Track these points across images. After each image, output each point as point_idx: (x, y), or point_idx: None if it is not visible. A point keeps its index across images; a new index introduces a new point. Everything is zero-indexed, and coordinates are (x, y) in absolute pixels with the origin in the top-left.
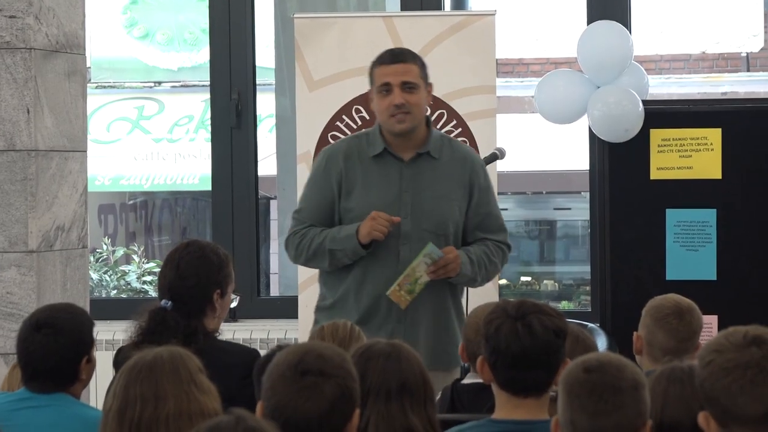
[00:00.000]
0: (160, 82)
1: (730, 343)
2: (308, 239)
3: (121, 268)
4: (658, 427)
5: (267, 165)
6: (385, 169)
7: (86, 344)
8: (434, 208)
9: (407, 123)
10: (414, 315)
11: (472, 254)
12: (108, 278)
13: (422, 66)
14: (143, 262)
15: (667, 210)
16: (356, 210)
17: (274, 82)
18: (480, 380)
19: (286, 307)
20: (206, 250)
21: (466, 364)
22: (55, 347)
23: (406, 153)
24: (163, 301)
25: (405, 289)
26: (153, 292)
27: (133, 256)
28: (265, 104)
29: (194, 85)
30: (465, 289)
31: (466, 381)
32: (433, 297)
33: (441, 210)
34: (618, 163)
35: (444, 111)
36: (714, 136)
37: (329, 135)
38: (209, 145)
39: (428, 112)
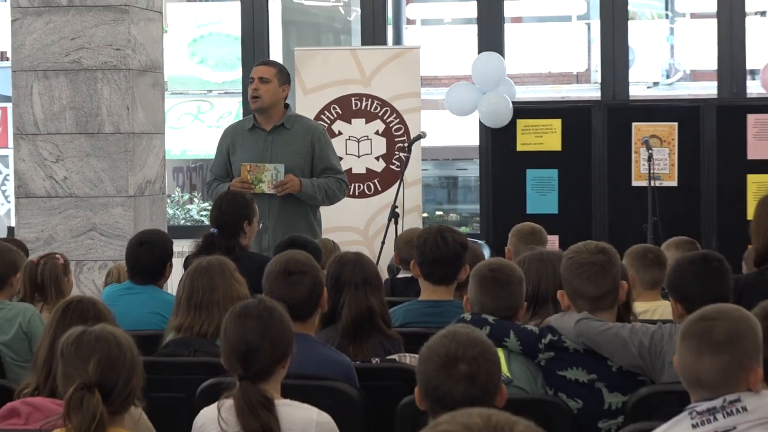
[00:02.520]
0: (211, 90)
1: (586, 248)
2: (214, 187)
3: (186, 206)
4: (533, 298)
5: None
6: (254, 137)
7: (169, 254)
8: (284, 159)
9: (258, 103)
10: (275, 229)
11: (314, 181)
12: (178, 213)
13: (280, 71)
14: (200, 203)
15: (527, 170)
16: (236, 163)
17: None
18: (409, 275)
19: None
20: (237, 196)
21: (398, 266)
22: (150, 256)
23: (267, 126)
24: (212, 229)
25: (250, 177)
26: (207, 221)
27: (194, 198)
28: None
29: (233, 92)
30: (318, 213)
31: (399, 276)
32: (286, 218)
33: (289, 160)
34: (496, 141)
35: (388, 108)
36: (556, 123)
37: None
38: None
39: (284, 99)
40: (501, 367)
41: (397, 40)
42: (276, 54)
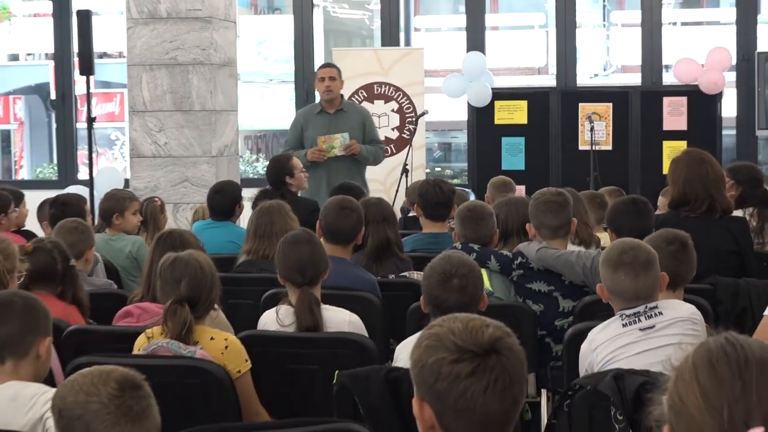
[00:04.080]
0: (271, 80)
1: (549, 191)
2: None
3: (254, 164)
4: (503, 232)
5: None
6: (322, 118)
7: (239, 198)
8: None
9: (330, 95)
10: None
11: (367, 147)
12: (248, 169)
13: (339, 71)
14: (264, 162)
15: (502, 138)
16: (309, 139)
17: None
18: (416, 215)
19: None
20: (277, 160)
21: (408, 207)
22: (225, 200)
23: (331, 110)
24: (267, 186)
25: (325, 145)
26: None
27: (259, 158)
28: None
29: (288, 81)
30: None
31: (409, 215)
32: (348, 176)
33: (348, 136)
34: (480, 116)
35: (401, 92)
36: (523, 104)
37: None
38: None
39: (342, 91)
40: (484, 282)
41: (407, 42)
42: (318, 53)
